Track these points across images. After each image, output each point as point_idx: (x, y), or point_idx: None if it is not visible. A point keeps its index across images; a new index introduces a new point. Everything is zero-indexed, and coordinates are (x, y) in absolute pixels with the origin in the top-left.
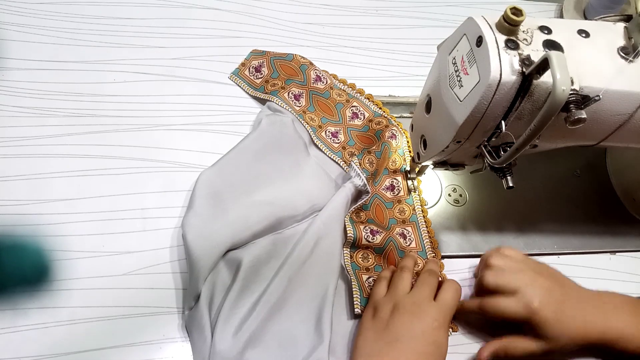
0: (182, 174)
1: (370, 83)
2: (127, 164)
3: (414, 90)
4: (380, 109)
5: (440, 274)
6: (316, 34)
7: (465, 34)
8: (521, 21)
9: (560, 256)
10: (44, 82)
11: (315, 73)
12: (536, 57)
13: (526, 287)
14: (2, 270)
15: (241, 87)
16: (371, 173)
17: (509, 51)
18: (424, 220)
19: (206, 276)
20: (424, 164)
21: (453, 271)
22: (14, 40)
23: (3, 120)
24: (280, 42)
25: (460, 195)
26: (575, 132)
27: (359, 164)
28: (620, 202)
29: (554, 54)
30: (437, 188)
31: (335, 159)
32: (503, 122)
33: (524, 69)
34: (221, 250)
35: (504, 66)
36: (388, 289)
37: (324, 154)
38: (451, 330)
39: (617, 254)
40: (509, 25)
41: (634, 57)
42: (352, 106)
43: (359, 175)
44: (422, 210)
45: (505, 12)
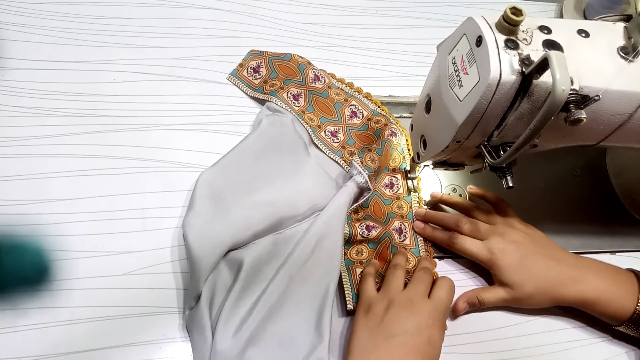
0: (182, 174)
1: (370, 83)
2: (127, 164)
3: (413, 90)
4: (378, 107)
5: (433, 270)
6: (316, 34)
7: (465, 34)
8: (521, 21)
9: None
10: (44, 82)
11: (314, 72)
12: (536, 57)
13: (495, 236)
14: (2, 270)
15: (240, 88)
16: (374, 170)
17: (508, 51)
18: None
19: (207, 276)
20: (423, 163)
21: (447, 271)
22: (14, 40)
23: (3, 120)
24: (280, 42)
25: (460, 195)
26: (575, 132)
27: (360, 162)
28: (620, 202)
29: (553, 54)
30: (437, 188)
31: (335, 158)
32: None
33: (523, 69)
34: (222, 251)
35: (504, 66)
36: (381, 287)
37: (323, 153)
38: None
39: (617, 254)
40: (509, 25)
41: (633, 57)
42: (350, 105)
43: (361, 172)
44: (420, 208)
45: (505, 12)
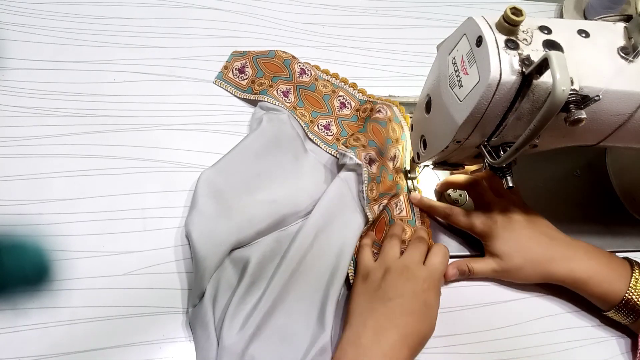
0: (182, 174)
1: (370, 83)
2: (127, 163)
3: (414, 90)
4: (365, 96)
5: (428, 240)
6: (316, 34)
7: (465, 34)
8: (521, 21)
9: None
10: (44, 82)
11: (299, 66)
12: (536, 57)
13: (491, 208)
14: (2, 270)
15: (228, 91)
16: (362, 145)
17: (508, 51)
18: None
19: (211, 274)
20: (423, 163)
21: None
22: (14, 40)
23: (3, 120)
24: (280, 42)
25: (460, 195)
26: (575, 132)
27: (345, 148)
28: (620, 202)
29: (553, 54)
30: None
31: (330, 151)
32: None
33: (523, 69)
34: (226, 249)
35: (504, 66)
36: (378, 256)
37: (319, 147)
38: None
39: (617, 254)
40: (509, 25)
41: (633, 57)
42: (338, 96)
43: (345, 154)
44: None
45: (505, 12)
